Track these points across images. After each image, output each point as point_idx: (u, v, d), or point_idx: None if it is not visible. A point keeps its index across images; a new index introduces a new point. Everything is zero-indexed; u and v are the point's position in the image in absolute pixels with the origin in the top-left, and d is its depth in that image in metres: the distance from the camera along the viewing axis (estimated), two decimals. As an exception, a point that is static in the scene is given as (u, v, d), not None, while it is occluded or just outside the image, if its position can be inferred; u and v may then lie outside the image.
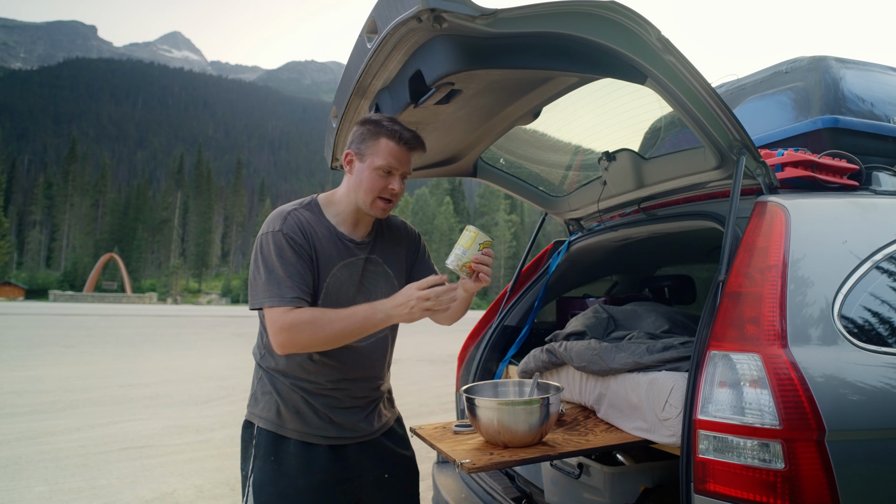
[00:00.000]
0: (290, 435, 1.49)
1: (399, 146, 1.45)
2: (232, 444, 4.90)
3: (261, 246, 1.43)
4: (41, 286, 73.21)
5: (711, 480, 1.18)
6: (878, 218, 1.55)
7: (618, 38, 1.27)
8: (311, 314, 1.37)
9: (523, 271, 2.73)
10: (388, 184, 1.47)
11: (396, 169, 1.47)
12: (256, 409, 1.53)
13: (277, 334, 1.36)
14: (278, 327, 1.36)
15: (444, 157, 2.21)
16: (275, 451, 1.48)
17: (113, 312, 32.91)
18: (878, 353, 1.26)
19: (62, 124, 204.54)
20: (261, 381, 1.55)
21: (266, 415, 1.51)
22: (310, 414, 1.50)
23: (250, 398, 1.57)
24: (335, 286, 1.49)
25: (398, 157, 1.46)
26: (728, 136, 1.50)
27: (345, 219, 1.54)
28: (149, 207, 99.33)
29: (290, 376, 1.50)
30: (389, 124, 1.45)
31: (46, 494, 3.58)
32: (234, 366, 10.15)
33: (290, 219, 1.46)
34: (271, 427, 1.50)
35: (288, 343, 1.37)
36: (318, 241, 1.48)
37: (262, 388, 1.54)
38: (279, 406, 1.50)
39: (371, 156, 1.46)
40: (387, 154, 1.45)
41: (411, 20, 1.13)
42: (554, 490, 2.00)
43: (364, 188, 1.47)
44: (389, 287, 1.59)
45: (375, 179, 1.46)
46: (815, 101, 2.05)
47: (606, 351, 1.76)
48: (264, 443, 1.49)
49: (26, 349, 11.88)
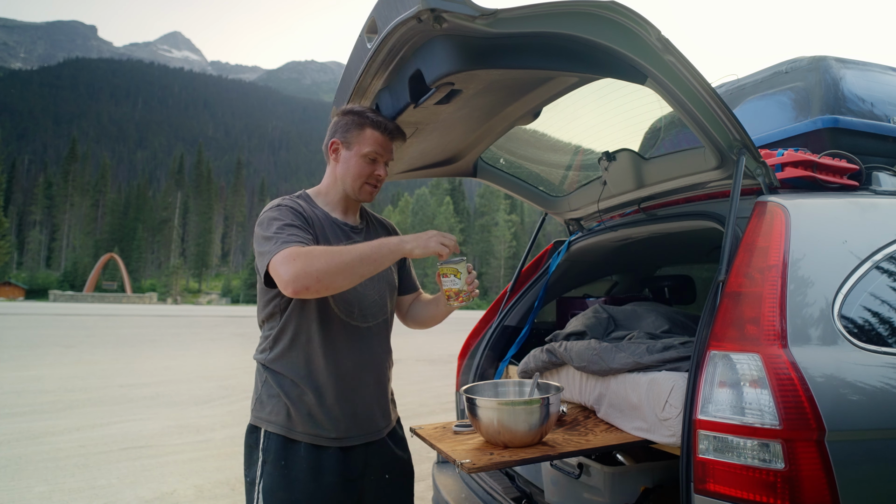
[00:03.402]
0: (300, 438, 1.48)
1: (383, 135, 1.55)
2: (232, 444, 4.90)
3: (263, 221, 1.44)
4: (41, 286, 73.26)
5: (711, 480, 1.18)
6: (878, 218, 1.55)
7: (618, 38, 1.27)
8: (321, 248, 1.36)
9: (523, 271, 2.73)
10: (374, 170, 1.57)
11: (381, 156, 1.57)
12: (263, 413, 1.50)
13: (287, 268, 1.29)
14: (291, 258, 1.30)
15: (444, 157, 2.21)
16: (285, 455, 1.47)
17: (113, 312, 32.92)
18: (878, 353, 1.27)
19: (62, 124, 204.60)
20: (266, 383, 1.52)
21: (275, 418, 1.49)
22: (320, 415, 1.48)
23: (255, 402, 1.54)
24: None
25: (383, 146, 1.56)
26: (728, 136, 1.50)
27: (335, 206, 1.61)
28: (149, 207, 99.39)
29: (297, 373, 1.49)
30: (373, 115, 1.55)
31: (46, 494, 3.58)
32: (234, 366, 10.16)
33: (289, 201, 1.53)
34: (281, 431, 1.48)
35: (302, 274, 1.29)
36: (317, 226, 1.53)
37: (267, 390, 1.52)
38: (289, 409, 1.48)
39: (357, 144, 1.55)
40: (373, 142, 1.54)
41: (411, 20, 1.13)
42: (554, 490, 2.00)
43: (352, 174, 1.56)
44: (388, 269, 1.63)
45: (363, 166, 1.55)
46: (815, 101, 2.05)
47: (606, 351, 1.76)
48: (274, 447, 1.47)
49: (26, 349, 11.88)
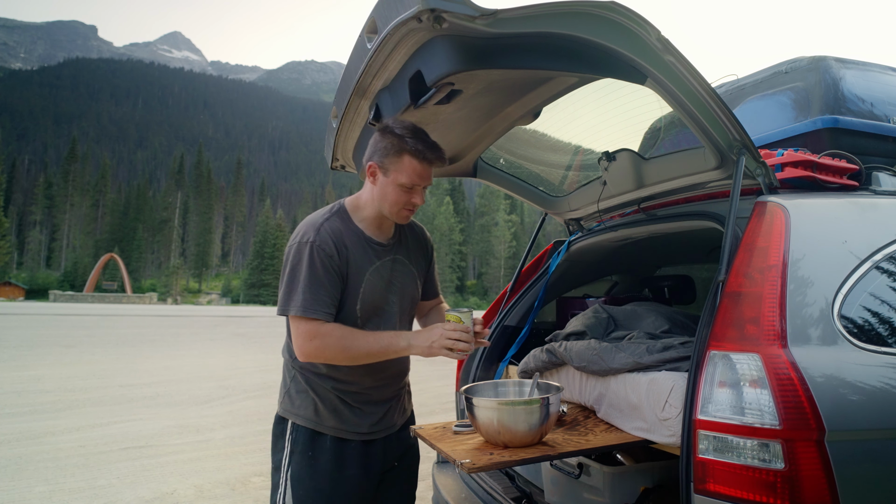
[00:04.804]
0: (326, 431, 1.60)
1: (422, 164, 1.51)
2: (232, 444, 4.90)
3: (294, 254, 1.52)
4: (41, 286, 73.16)
5: (711, 480, 1.18)
6: (878, 218, 1.55)
7: (618, 39, 1.27)
8: (340, 331, 1.49)
9: (523, 271, 2.73)
10: (410, 197, 1.55)
11: (419, 185, 1.54)
12: (292, 407, 1.62)
13: (306, 344, 1.47)
14: (308, 337, 1.46)
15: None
16: (312, 447, 1.59)
17: (113, 312, 32.90)
18: (877, 353, 1.27)
19: (62, 124, 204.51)
20: (294, 379, 1.64)
21: (303, 413, 1.60)
22: (346, 412, 1.61)
23: (283, 395, 1.66)
24: (369, 289, 1.59)
25: (421, 174, 1.52)
26: (728, 137, 1.50)
27: (370, 223, 1.63)
28: (149, 207, 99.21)
29: (325, 376, 1.59)
30: (413, 141, 1.49)
31: (46, 494, 3.58)
32: (233, 366, 10.16)
33: (323, 231, 1.53)
34: (309, 424, 1.59)
35: (314, 353, 1.49)
36: (349, 250, 1.56)
37: (296, 386, 1.63)
38: (317, 404, 1.60)
39: (395, 172, 1.51)
40: (410, 172, 1.51)
41: (411, 20, 1.13)
42: (554, 490, 1.99)
43: (389, 201, 1.55)
44: (413, 284, 1.72)
45: (399, 194, 1.53)
46: (815, 102, 2.05)
47: (606, 351, 1.76)
48: (302, 439, 1.59)
49: (26, 349, 11.87)
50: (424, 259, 1.80)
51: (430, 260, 1.84)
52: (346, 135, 1.85)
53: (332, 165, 2.08)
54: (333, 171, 2.14)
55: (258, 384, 8.09)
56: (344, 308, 1.56)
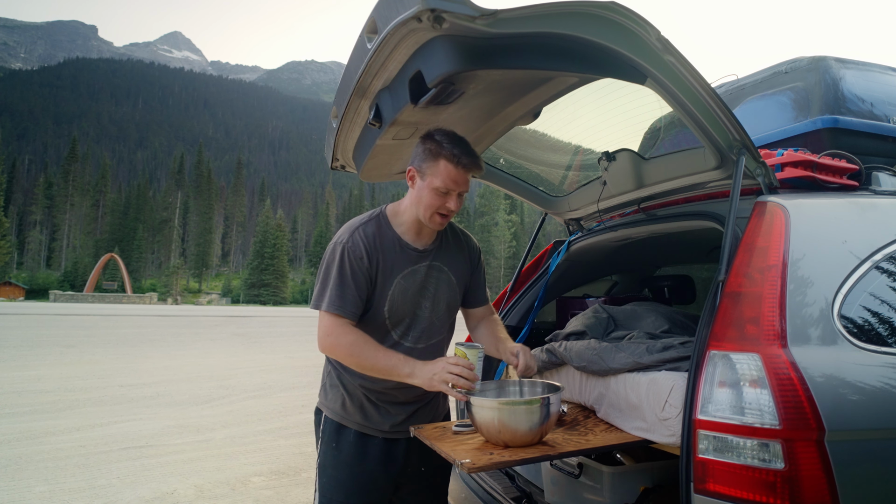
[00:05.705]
0: (351, 426, 1.69)
1: (457, 169, 1.54)
2: (232, 443, 4.90)
3: (329, 254, 1.62)
4: (41, 286, 73.15)
5: (711, 480, 1.18)
6: (878, 218, 1.55)
7: (618, 39, 1.27)
8: (354, 336, 1.56)
9: (523, 271, 2.73)
10: (445, 202, 1.58)
11: (454, 189, 1.57)
12: (325, 400, 1.75)
13: (324, 338, 1.58)
14: (327, 332, 1.57)
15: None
16: (336, 438, 1.69)
17: (113, 312, 32.91)
18: (877, 353, 1.27)
19: (62, 124, 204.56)
20: (329, 374, 1.75)
21: (333, 406, 1.72)
22: (371, 409, 1.69)
23: (321, 388, 1.78)
24: (399, 293, 1.65)
25: (455, 179, 1.56)
26: (728, 137, 1.50)
27: (409, 228, 1.68)
28: (149, 207, 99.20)
29: (355, 374, 1.65)
30: (449, 147, 1.54)
31: (46, 494, 3.58)
32: (234, 366, 10.16)
33: (357, 234, 1.62)
34: (336, 417, 1.70)
35: (328, 348, 1.60)
36: (381, 254, 1.62)
37: (330, 381, 1.75)
38: (345, 399, 1.70)
39: (431, 176, 1.56)
40: (445, 176, 1.55)
41: (411, 20, 1.13)
42: (554, 490, 2.00)
43: (424, 204, 1.60)
44: (451, 291, 1.75)
45: (434, 198, 1.58)
46: (815, 102, 2.05)
47: (606, 351, 1.76)
48: (328, 430, 1.71)
49: (26, 349, 11.88)
50: (467, 266, 1.81)
51: (474, 267, 1.84)
52: (346, 135, 1.85)
53: (332, 165, 2.08)
54: (333, 171, 2.14)
55: (258, 384, 8.08)
56: (371, 308, 1.63)
